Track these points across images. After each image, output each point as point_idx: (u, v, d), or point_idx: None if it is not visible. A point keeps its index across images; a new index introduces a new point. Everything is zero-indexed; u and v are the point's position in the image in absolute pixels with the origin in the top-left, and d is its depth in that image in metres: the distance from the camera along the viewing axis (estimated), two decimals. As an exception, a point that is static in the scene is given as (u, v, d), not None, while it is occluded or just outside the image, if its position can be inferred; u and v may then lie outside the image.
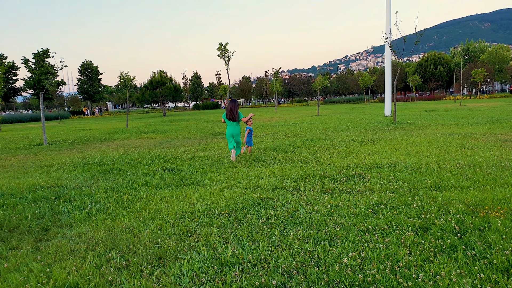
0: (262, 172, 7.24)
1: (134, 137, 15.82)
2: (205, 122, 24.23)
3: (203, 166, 8.10)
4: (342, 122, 18.29)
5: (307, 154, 9.10)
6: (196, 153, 10.21)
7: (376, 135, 12.67)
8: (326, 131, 14.56)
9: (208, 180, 6.83)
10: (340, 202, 4.99)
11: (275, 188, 5.94)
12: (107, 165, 8.70)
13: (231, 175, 7.09)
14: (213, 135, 15.37)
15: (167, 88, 40.99)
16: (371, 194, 5.37)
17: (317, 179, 6.43)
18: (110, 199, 5.71)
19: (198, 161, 8.81)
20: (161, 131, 17.91)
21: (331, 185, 5.92)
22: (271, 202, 5.15)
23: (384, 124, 16.49)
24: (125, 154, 10.44)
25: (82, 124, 31.28)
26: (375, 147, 9.84)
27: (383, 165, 7.43)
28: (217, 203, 5.19)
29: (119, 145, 13.24)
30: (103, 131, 19.39)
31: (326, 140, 11.76)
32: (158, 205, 5.32)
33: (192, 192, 5.99)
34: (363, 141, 11.10)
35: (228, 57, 23.37)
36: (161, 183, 6.66)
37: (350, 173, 6.71)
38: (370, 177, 6.41)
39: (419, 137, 11.46)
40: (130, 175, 7.49)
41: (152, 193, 5.99)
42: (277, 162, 8.31)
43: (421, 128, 14.37)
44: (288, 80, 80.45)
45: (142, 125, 23.70)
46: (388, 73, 20.81)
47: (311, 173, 6.87)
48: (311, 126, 16.70)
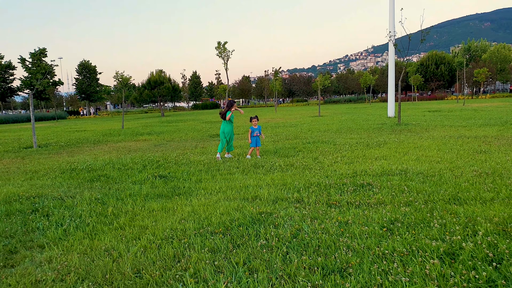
0: (261, 180, 6.66)
1: (128, 139, 15.24)
2: (203, 123, 23.66)
3: (198, 173, 7.53)
4: (345, 124, 17.71)
5: (310, 159, 8.53)
6: (192, 157, 9.63)
7: (381, 137, 12.09)
8: (328, 133, 13.98)
9: (203, 189, 6.26)
10: (349, 219, 4.41)
11: (275, 200, 5.37)
12: (95, 171, 8.13)
13: (227, 184, 6.52)
14: (210, 137, 14.79)
15: (165, 87, 40.35)
16: (383, 208, 4.80)
17: (321, 189, 5.86)
18: (93, 212, 5.13)
19: (193, 166, 8.24)
20: (157, 133, 17.34)
21: (338, 197, 5.35)
22: (272, 218, 4.58)
23: (388, 125, 15.92)
24: (117, 159, 9.86)
25: (78, 124, 30.69)
26: (381, 151, 9.28)
27: (393, 172, 6.86)
28: (211, 219, 4.62)
29: (112, 148, 12.66)
30: (98, 133, 18.81)
31: (329, 143, 11.19)
32: (145, 220, 4.75)
33: (184, 204, 5.42)
34: (368, 144, 10.53)
35: (227, 56, 22.77)
36: (151, 193, 6.09)
37: (357, 182, 6.14)
38: (380, 186, 5.83)
39: (427, 140, 10.89)
40: (119, 183, 6.92)
41: (140, 205, 5.42)
42: (278, 168, 7.74)
43: (428, 130, 13.80)
44: (288, 80, 79.83)
45: (139, 126, 23.13)
46: (391, 72, 20.24)
47: (315, 181, 6.30)
48: (313, 128, 16.13)
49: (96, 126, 25.69)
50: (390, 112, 20.56)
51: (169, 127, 21.08)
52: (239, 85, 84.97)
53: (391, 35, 16.85)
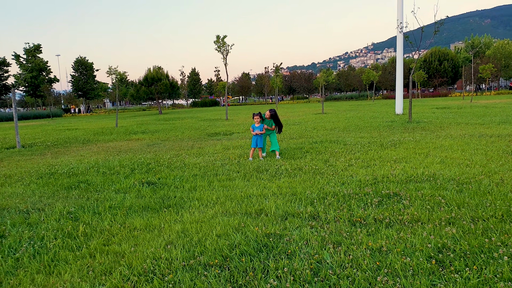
0: (266, 188, 5.68)
1: (120, 139, 14.23)
2: (201, 121, 22.65)
3: (193, 179, 6.53)
4: (351, 121, 16.71)
5: (320, 162, 7.53)
6: (187, 159, 8.64)
7: (394, 136, 11.10)
8: (335, 132, 12.98)
9: (197, 200, 5.27)
10: (383, 244, 3.43)
11: (285, 216, 4.38)
12: (76, 176, 7.13)
13: (226, 192, 5.53)
14: (208, 136, 13.79)
15: (162, 84, 39.20)
16: (422, 228, 3.81)
17: (339, 200, 4.87)
18: (59, 233, 4.14)
19: (188, 171, 7.24)
20: (152, 131, 16.33)
21: (361, 212, 4.36)
22: (282, 242, 3.59)
23: (398, 123, 14.92)
24: (104, 161, 8.87)
25: (72, 123, 29.66)
26: (399, 152, 8.29)
27: (419, 178, 5.87)
28: (205, 243, 3.64)
29: (102, 148, 11.66)
30: (89, 131, 17.79)
31: (339, 142, 10.19)
32: (122, 244, 3.76)
33: (173, 220, 4.43)
34: (383, 144, 9.54)
35: (226, 51, 21.74)
36: (135, 205, 5.10)
37: (381, 191, 5.15)
38: (409, 197, 4.85)
39: (446, 140, 9.90)
40: (100, 192, 5.92)
41: (120, 222, 4.43)
42: (284, 172, 6.75)
43: (442, 128, 12.80)
44: (289, 77, 78.66)
45: (133, 124, 22.11)
46: (399, 67, 19.21)
47: (330, 190, 5.30)
48: (318, 126, 15.12)
49: (89, 125, 24.66)
50: (398, 109, 19.54)
51: (165, 125, 20.07)
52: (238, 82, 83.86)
53: (401, 26, 15.81)
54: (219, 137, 13.28)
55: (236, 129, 15.68)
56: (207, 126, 18.06)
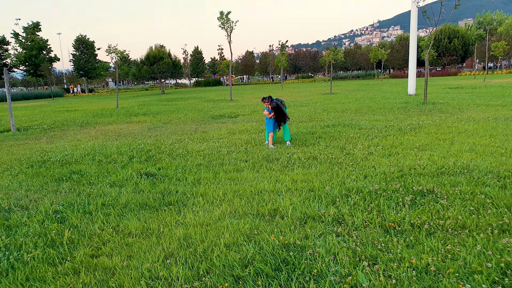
0: (279, 182, 5.04)
1: (121, 121, 13.58)
2: (205, 102, 21.90)
3: (197, 169, 5.90)
4: (363, 102, 15.92)
5: (336, 150, 6.86)
6: (190, 145, 7.99)
7: (411, 119, 10.37)
8: (347, 114, 12.24)
9: (201, 195, 4.65)
10: (428, 261, 2.80)
11: (304, 219, 3.75)
12: (69, 165, 6.52)
13: (234, 187, 4.90)
14: (212, 119, 13.11)
15: (165, 63, 38.14)
16: (472, 237, 3.18)
17: (365, 198, 4.23)
18: (41, 239, 3.55)
19: (191, 159, 6.61)
20: (154, 113, 15.65)
21: (394, 214, 3.72)
22: (305, 257, 2.97)
23: (413, 104, 14.13)
24: (101, 147, 8.25)
25: (73, 103, 29.00)
26: (420, 138, 7.59)
27: (451, 170, 5.20)
28: (211, 257, 3.03)
29: (100, 132, 11.03)
30: (89, 113, 17.14)
31: (353, 126, 9.49)
32: (114, 256, 3.16)
33: (174, 222, 3.83)
34: (401, 129, 8.83)
35: (231, 28, 20.75)
36: (132, 202, 4.49)
37: (411, 187, 4.50)
38: (446, 196, 4.20)
39: (469, 123, 9.16)
40: (93, 185, 5.32)
41: (113, 225, 3.83)
42: (297, 162, 6.09)
43: (461, 110, 12.03)
44: (294, 55, 76.95)
45: (135, 105, 21.41)
46: (413, 44, 18.19)
47: (353, 186, 4.65)
48: (328, 107, 14.37)
49: (89, 105, 23.96)
50: (411, 89, 18.65)
51: (167, 106, 19.35)
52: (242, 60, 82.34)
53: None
54: (224, 120, 12.59)
55: (242, 111, 14.97)
56: (211, 108, 17.34)
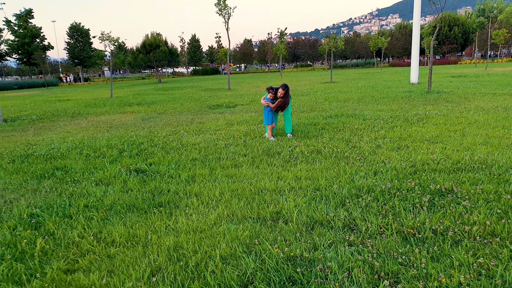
0: (281, 179, 4.61)
1: (114, 111, 13.07)
2: (202, 91, 21.35)
3: (191, 165, 5.45)
4: (365, 92, 15.42)
5: (341, 142, 6.42)
6: (185, 138, 7.53)
7: (417, 109, 9.91)
8: (350, 104, 11.77)
9: (196, 195, 4.21)
10: (460, 279, 2.38)
11: (311, 224, 3.32)
12: (54, 161, 6.06)
13: (232, 185, 4.46)
14: (210, 109, 12.61)
15: (161, 51, 37.30)
16: (504, 246, 2.76)
17: (378, 198, 3.80)
18: (10, 250, 3.11)
19: (185, 154, 6.15)
20: (149, 103, 15.12)
21: (412, 219, 3.29)
22: (315, 274, 2.54)
23: (417, 93, 13.66)
24: (90, 139, 7.77)
25: (67, 92, 28.34)
26: (429, 130, 7.15)
27: (468, 165, 4.77)
28: (205, 274, 2.60)
29: (92, 123, 10.54)
30: (82, 103, 16.58)
31: (357, 117, 9.03)
32: (92, 272, 2.73)
33: (164, 228, 3.39)
34: (407, 120, 8.38)
35: (228, 14, 20.09)
36: (118, 203, 4.04)
37: (427, 185, 4.07)
38: (467, 195, 3.77)
39: (478, 113, 8.72)
40: (77, 183, 4.86)
41: (95, 231, 3.39)
42: (300, 156, 5.65)
43: (468, 99, 11.57)
44: (292, 43, 75.94)
45: (130, 95, 20.83)
46: (416, 30, 17.62)
47: (363, 184, 4.22)
48: (330, 97, 13.87)
49: (83, 95, 23.33)
50: (414, 77, 18.13)
51: (163, 95, 18.79)
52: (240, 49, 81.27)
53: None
54: (221, 110, 12.10)
55: (240, 101, 14.47)
56: (208, 97, 16.81)
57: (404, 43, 66.62)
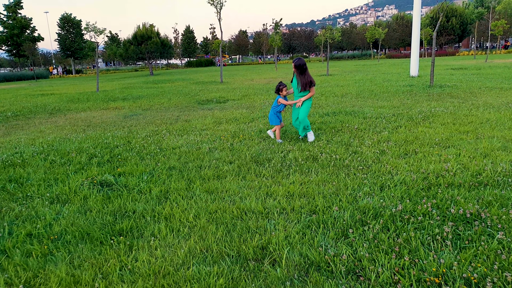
0: (270, 196, 3.87)
1: (96, 107, 12.24)
2: (193, 84, 20.49)
3: (167, 176, 4.69)
4: (363, 85, 14.66)
5: (340, 146, 5.68)
6: (166, 140, 6.75)
7: (421, 105, 9.18)
8: (348, 99, 11.01)
9: (166, 219, 3.47)
10: None
11: (305, 268, 2.59)
12: (12, 169, 5.27)
13: (211, 205, 3.71)
14: (199, 105, 11.82)
15: (153, 43, 36.16)
16: None
17: (388, 226, 3.08)
18: None
19: (162, 161, 5.38)
20: (135, 98, 14.27)
21: (434, 260, 2.57)
22: None
23: (419, 88, 12.92)
24: (61, 142, 6.98)
25: (54, 86, 27.31)
26: (437, 131, 6.43)
27: (491, 179, 4.06)
28: None
29: (70, 121, 9.72)
30: (65, 97, 15.69)
31: (356, 115, 8.28)
32: None
33: (117, 270, 2.65)
34: (412, 118, 7.65)
35: (220, 4, 19.19)
36: (70, 230, 3.30)
37: (447, 208, 3.35)
38: (499, 222, 3.06)
39: (489, 111, 8.00)
40: (28, 201, 4.09)
41: (29, 275, 2.64)
42: (294, 164, 4.91)
43: (474, 94, 10.85)
44: (288, 35, 74.76)
45: (118, 88, 19.93)
46: (416, 21, 16.83)
47: (368, 206, 3.49)
48: (326, 91, 13.10)
49: (68, 88, 22.35)
50: (414, 70, 17.38)
51: (152, 89, 17.92)
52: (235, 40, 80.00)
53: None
54: (211, 106, 11.31)
55: (232, 95, 13.67)
56: (198, 91, 15.98)
57: (401, 34, 65.71)
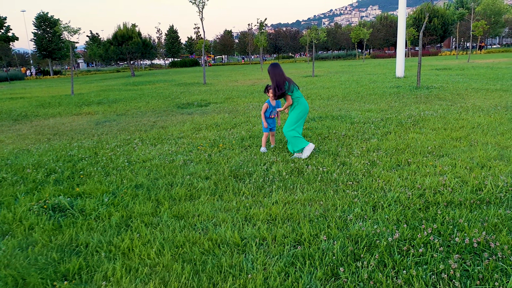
0: (248, 221, 3.37)
1: (67, 112, 11.51)
2: (174, 86, 19.83)
3: (131, 197, 4.13)
4: (349, 87, 14.29)
5: (327, 157, 5.20)
6: (137, 150, 6.18)
7: (409, 108, 8.82)
8: (334, 102, 10.60)
9: (124, 255, 2.93)
10: None
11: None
12: (-44, 188, 4.63)
13: (178, 235, 3.19)
14: (178, 108, 11.23)
15: (134, 43, 35.17)
16: None
17: (385, 261, 2.61)
18: None
19: (130, 177, 4.81)
20: (111, 101, 13.56)
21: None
22: None
23: (405, 89, 12.60)
24: (19, 154, 6.33)
25: (27, 88, 26.11)
26: (428, 137, 6.04)
27: (493, 195, 3.66)
28: None
29: (35, 128, 9.02)
30: (35, 101, 14.84)
31: (343, 119, 7.85)
32: None
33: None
34: (401, 122, 7.26)
35: (202, 3, 18.60)
36: (1, 276, 2.72)
37: (449, 234, 2.91)
38: (509, 254, 2.62)
39: (479, 115, 7.67)
40: (-36, 231, 3.48)
41: None
42: (277, 179, 4.42)
43: (461, 96, 10.57)
44: (274, 35, 74.37)
45: (95, 91, 19.12)
46: (401, 21, 16.58)
47: (361, 233, 3.02)
48: (312, 93, 12.67)
49: (42, 91, 21.30)
50: (399, 71, 17.13)
51: (130, 92, 17.18)
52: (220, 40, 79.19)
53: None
54: (191, 110, 10.74)
55: (214, 98, 13.11)
56: (179, 93, 15.36)
57: (385, 34, 66.12)
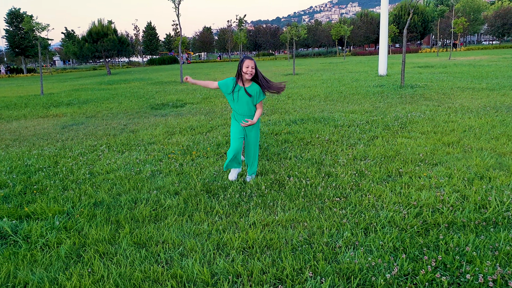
0: (221, 250, 2.86)
1: (33, 115, 10.71)
2: (150, 85, 19.06)
3: (88, 218, 3.55)
4: (331, 86, 13.90)
5: (310, 166, 4.73)
6: (102, 159, 5.56)
7: (395, 109, 8.46)
8: (316, 102, 10.16)
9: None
10: None
11: None
12: None
13: (137, 269, 2.64)
14: (152, 109, 10.58)
15: (109, 40, 33.98)
16: None
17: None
18: None
19: (89, 192, 4.21)
20: (82, 102, 12.77)
21: None
22: None
23: (389, 88, 12.29)
24: (-32, 164, 5.62)
25: (-2, 87, 24.89)
26: (418, 142, 5.65)
27: (499, 215, 3.25)
28: None
29: (-6, 132, 8.25)
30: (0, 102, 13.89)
31: (326, 122, 7.40)
32: None
33: None
34: (387, 125, 6.87)
35: None
36: None
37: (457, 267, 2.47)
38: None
39: (468, 116, 7.36)
40: None
41: None
42: (255, 194, 3.92)
43: (447, 95, 10.31)
44: (254, 32, 73.75)
45: (66, 90, 18.16)
46: (384, 18, 16.29)
47: (352, 267, 2.55)
48: (293, 93, 12.20)
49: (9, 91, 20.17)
50: (382, 69, 16.87)
51: (104, 91, 16.35)
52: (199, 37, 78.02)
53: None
54: (166, 111, 10.12)
55: (190, 98, 12.50)
56: (155, 93, 14.66)
57: (366, 31, 66.43)
